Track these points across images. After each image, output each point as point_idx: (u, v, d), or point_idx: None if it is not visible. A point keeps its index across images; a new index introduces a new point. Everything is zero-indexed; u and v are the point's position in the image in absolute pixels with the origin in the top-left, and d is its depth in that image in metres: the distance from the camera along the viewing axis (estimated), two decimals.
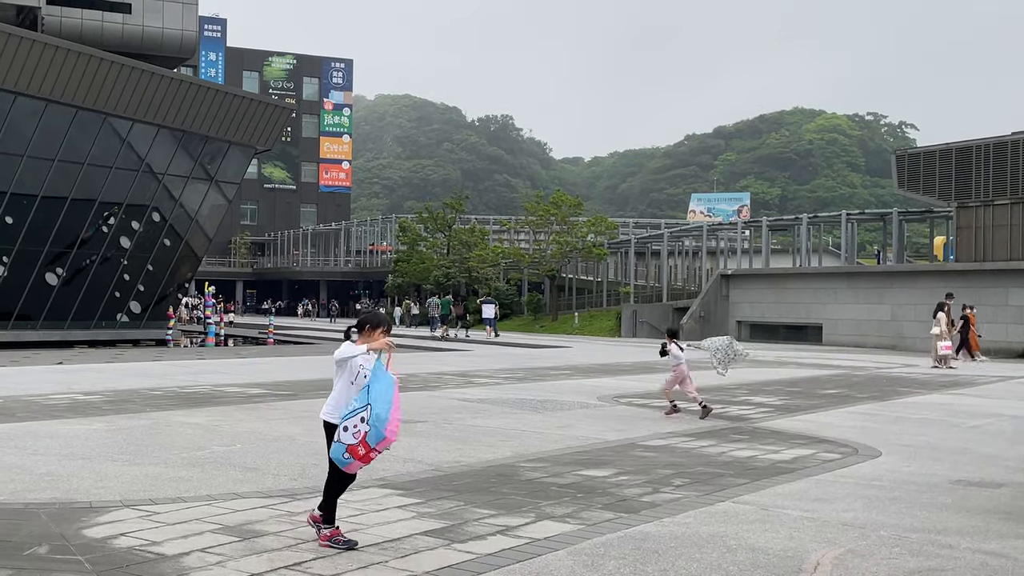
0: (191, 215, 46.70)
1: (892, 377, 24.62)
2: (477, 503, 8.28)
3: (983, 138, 41.19)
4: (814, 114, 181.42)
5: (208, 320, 50.94)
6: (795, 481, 9.70)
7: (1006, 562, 6.76)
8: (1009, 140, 39.79)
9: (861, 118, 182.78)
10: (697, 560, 6.61)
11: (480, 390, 19.06)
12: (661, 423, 14.23)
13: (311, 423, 13.27)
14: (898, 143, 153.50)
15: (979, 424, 14.95)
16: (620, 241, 66.30)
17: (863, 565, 6.58)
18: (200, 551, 6.54)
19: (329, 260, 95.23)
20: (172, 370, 23.29)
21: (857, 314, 42.96)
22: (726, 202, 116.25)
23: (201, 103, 44.29)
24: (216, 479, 9.18)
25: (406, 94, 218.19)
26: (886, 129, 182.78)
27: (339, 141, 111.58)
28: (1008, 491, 9.44)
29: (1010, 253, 39.09)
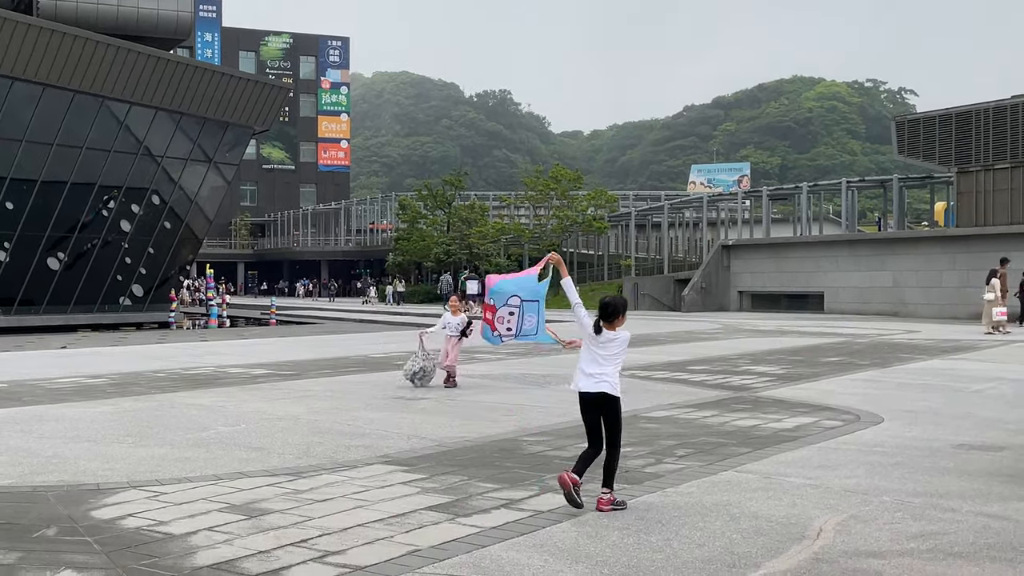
0: (191, 197, 46.70)
1: (894, 344, 24.66)
2: (480, 477, 8.33)
3: (983, 102, 41.06)
4: (813, 82, 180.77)
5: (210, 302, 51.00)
6: (798, 449, 9.75)
7: (1008, 524, 6.81)
8: (1009, 104, 39.68)
9: (860, 85, 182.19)
10: (700, 529, 6.66)
11: (483, 366, 19.12)
12: (664, 395, 14.28)
13: (314, 403, 13.36)
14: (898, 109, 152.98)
15: (981, 388, 14.99)
16: (620, 214, 66.24)
17: (866, 531, 6.63)
18: (207, 530, 6.59)
19: (329, 240, 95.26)
20: (175, 352, 23.35)
21: (859, 282, 42.97)
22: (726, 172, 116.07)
23: (198, 85, 44.21)
24: (221, 459, 9.24)
25: (403, 71, 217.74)
26: (886, 95, 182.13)
27: (337, 120, 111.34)
28: (1009, 454, 9.49)
29: (1011, 217, 39.05)
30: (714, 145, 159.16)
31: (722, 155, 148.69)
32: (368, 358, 21.22)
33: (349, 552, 6.06)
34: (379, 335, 30.86)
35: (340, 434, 10.69)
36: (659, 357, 20.84)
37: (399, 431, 10.91)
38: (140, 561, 5.87)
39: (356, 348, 24.28)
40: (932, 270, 40.36)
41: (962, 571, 5.74)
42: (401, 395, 14.15)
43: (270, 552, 6.06)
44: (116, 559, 5.91)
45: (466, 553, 6.04)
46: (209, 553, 6.04)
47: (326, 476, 8.41)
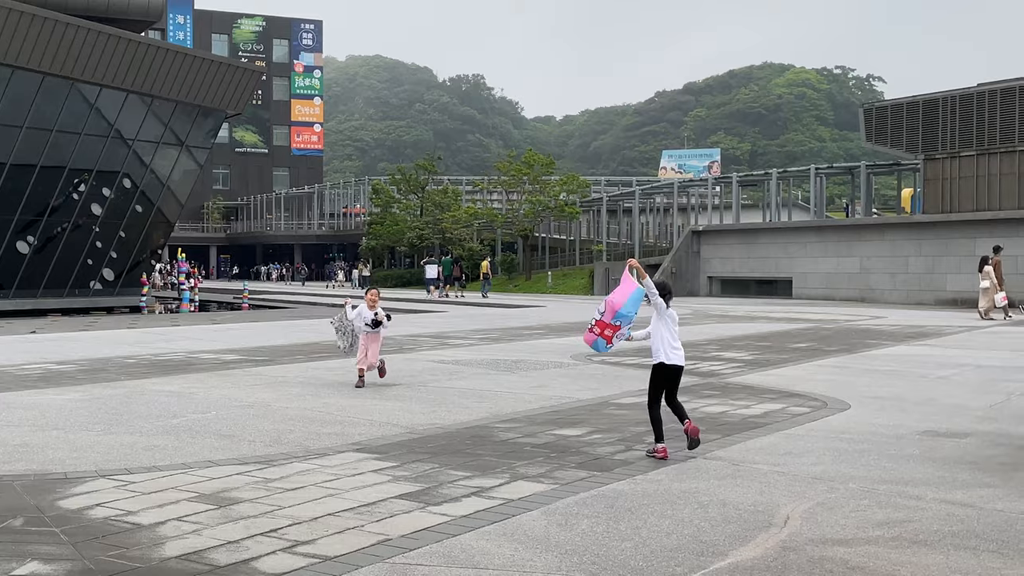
0: (162, 181, 46.39)
1: (861, 329, 24.86)
2: (452, 465, 8.34)
3: (949, 90, 41.34)
4: (783, 68, 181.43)
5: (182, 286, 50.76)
6: (766, 436, 9.83)
7: (971, 512, 6.89)
8: (975, 92, 39.96)
9: (829, 72, 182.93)
10: (669, 516, 6.70)
11: (455, 351, 19.13)
12: (633, 381, 14.33)
13: (286, 389, 13.33)
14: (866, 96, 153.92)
15: (946, 375, 15.16)
16: (592, 199, 66.42)
17: (832, 518, 6.69)
18: (176, 520, 6.56)
19: (303, 224, 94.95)
20: (146, 337, 23.22)
21: (826, 267, 43.30)
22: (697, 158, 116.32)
23: (170, 67, 43.88)
24: (191, 447, 9.21)
25: (377, 55, 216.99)
26: (854, 82, 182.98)
27: (310, 104, 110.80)
28: (973, 441, 9.61)
29: (976, 204, 39.42)
30: (685, 131, 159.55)
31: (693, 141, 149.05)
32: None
33: (319, 542, 6.06)
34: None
35: (311, 421, 10.67)
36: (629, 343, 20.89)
37: (371, 418, 10.91)
38: (108, 552, 5.83)
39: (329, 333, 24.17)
40: (899, 256, 40.73)
41: (927, 559, 5.80)
42: (373, 382, 14.13)
43: (239, 542, 6.05)
44: (83, 550, 5.88)
45: (436, 543, 6.05)
46: (178, 543, 6.01)
47: (297, 464, 8.39)
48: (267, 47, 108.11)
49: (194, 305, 47.34)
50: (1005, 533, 6.33)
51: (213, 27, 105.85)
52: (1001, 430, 10.22)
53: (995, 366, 16.42)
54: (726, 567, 5.63)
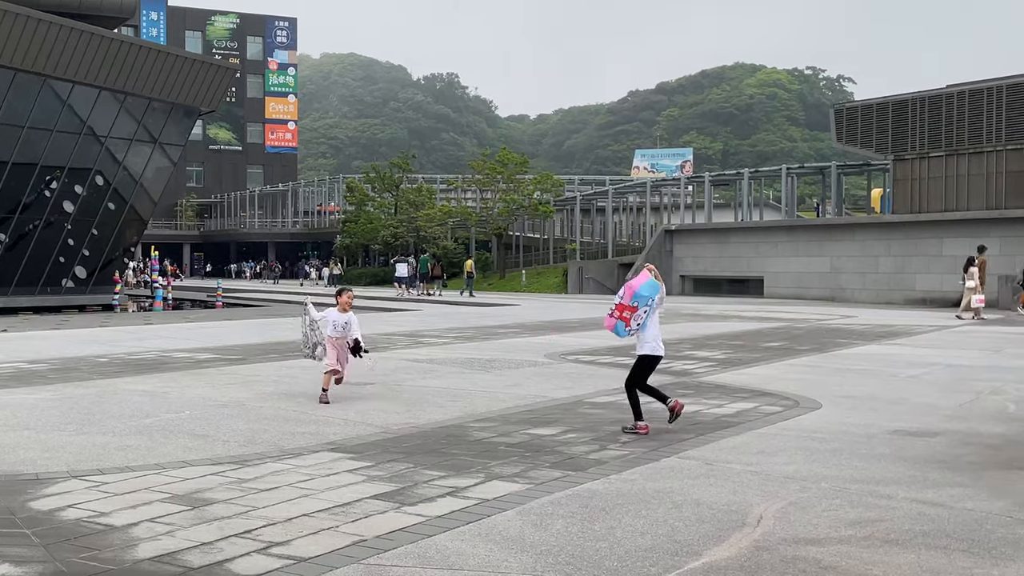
0: (135, 178, 46.10)
1: (832, 329, 25.03)
2: (427, 465, 8.34)
3: (919, 91, 41.68)
4: (755, 69, 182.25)
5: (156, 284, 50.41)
6: (738, 435, 9.88)
7: (942, 511, 6.95)
8: (944, 93, 40.29)
9: (800, 72, 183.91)
10: (643, 516, 6.72)
11: (429, 350, 19.12)
12: (607, 380, 14.37)
13: (261, 387, 13.28)
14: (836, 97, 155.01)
15: (916, 374, 15.28)
16: (566, 198, 66.59)
17: (804, 517, 6.73)
18: (149, 521, 6.53)
19: (277, 222, 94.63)
20: (119, 336, 23.08)
21: (797, 267, 43.59)
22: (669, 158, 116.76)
23: (143, 64, 43.60)
24: (164, 447, 9.16)
25: (351, 52, 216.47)
26: (824, 83, 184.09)
27: (284, 101, 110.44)
28: (944, 440, 9.69)
29: (945, 204, 39.78)
30: (658, 130, 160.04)
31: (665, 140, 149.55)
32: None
33: (294, 543, 6.04)
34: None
35: (286, 420, 10.65)
36: (602, 342, 20.97)
37: (345, 417, 10.89)
38: (80, 554, 5.80)
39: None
40: (868, 256, 41.08)
41: (898, 558, 5.84)
42: (347, 380, 14.09)
43: (213, 543, 6.02)
44: (55, 552, 5.84)
45: (411, 543, 6.05)
46: (151, 545, 5.98)
47: (271, 464, 8.37)
48: (241, 44, 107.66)
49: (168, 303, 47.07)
50: (975, 532, 6.39)
51: (187, 24, 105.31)
52: (971, 429, 10.32)
53: (965, 365, 16.58)
54: (700, 567, 5.66)
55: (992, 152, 38.24)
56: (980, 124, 38.61)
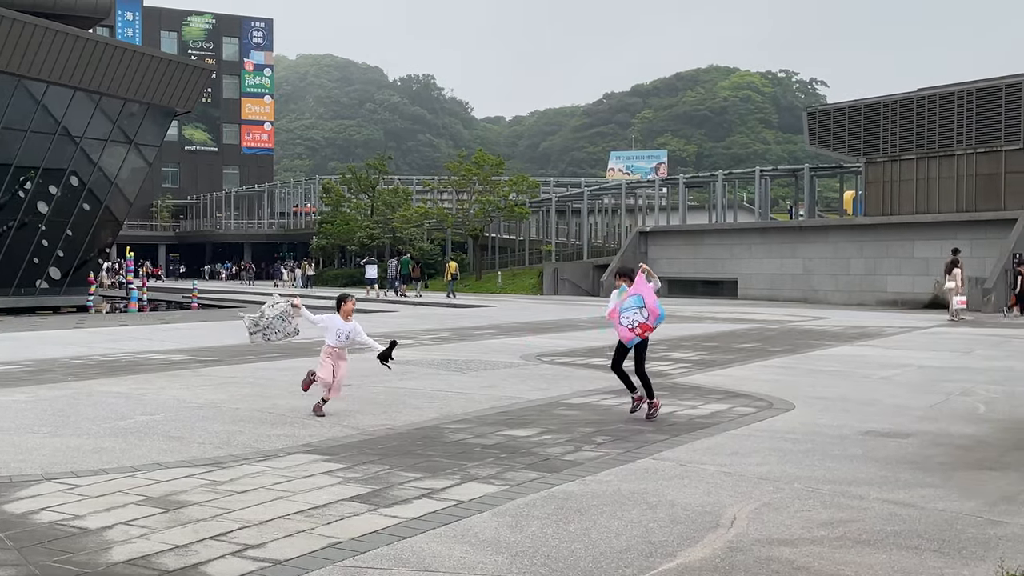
0: (110, 179, 45.84)
1: (805, 330, 25.20)
2: (403, 466, 8.35)
3: (890, 95, 42.00)
4: (729, 72, 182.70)
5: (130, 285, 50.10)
6: (712, 436, 9.94)
7: (913, 511, 7.02)
8: (915, 97, 40.62)
9: (774, 75, 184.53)
10: (618, 518, 6.76)
11: (405, 351, 19.06)
12: (583, 381, 14.43)
13: (236, 389, 13.26)
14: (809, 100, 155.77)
15: (888, 375, 15.42)
16: (541, 200, 66.72)
17: (778, 518, 6.79)
18: (124, 524, 6.51)
19: (253, 222, 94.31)
20: (94, 337, 22.95)
21: (770, 268, 43.87)
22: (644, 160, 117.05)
23: (118, 65, 43.35)
24: (139, 449, 9.13)
25: (327, 54, 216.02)
26: (797, 86, 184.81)
27: (260, 102, 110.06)
28: (915, 441, 9.79)
29: (916, 207, 40.12)
30: (633, 132, 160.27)
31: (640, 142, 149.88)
32: (291, 344, 20.99)
33: (269, 545, 6.04)
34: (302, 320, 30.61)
35: (262, 422, 10.63)
36: (578, 343, 21.05)
37: (321, 419, 10.89)
38: (53, 557, 5.77)
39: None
40: (840, 258, 41.40)
41: (870, 559, 5.90)
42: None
43: (188, 546, 6.01)
44: (28, 555, 5.81)
45: (387, 545, 6.06)
46: (125, 548, 5.96)
47: (247, 466, 8.35)
48: (217, 45, 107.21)
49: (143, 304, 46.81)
50: (946, 532, 6.46)
51: (162, 24, 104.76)
52: (941, 430, 10.42)
53: (935, 366, 16.75)
54: (675, 568, 5.69)
55: (962, 155, 38.59)
56: (950, 127, 38.95)
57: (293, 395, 12.79)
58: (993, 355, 18.94)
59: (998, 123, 37.19)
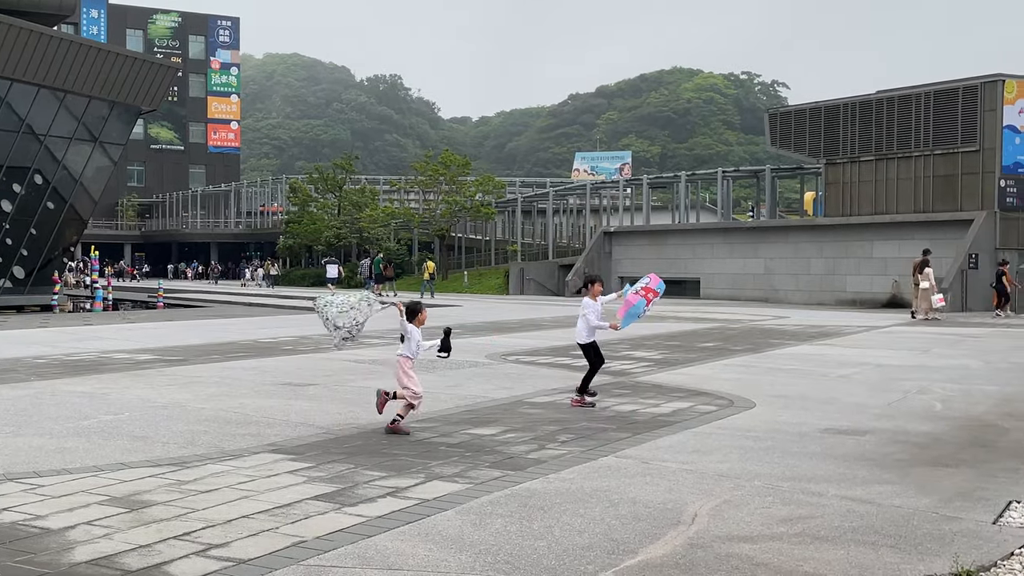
0: (75, 177, 45.43)
1: (765, 329, 25.41)
2: (368, 465, 8.37)
3: (850, 97, 42.35)
4: (692, 73, 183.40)
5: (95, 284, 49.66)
6: (674, 434, 10.03)
7: (871, 508, 7.12)
8: (874, 99, 41.00)
9: (736, 77, 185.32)
10: (581, 515, 6.81)
11: (371, 351, 19.11)
12: (547, 380, 14.49)
13: (201, 389, 13.22)
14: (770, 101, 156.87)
15: (846, 374, 15.60)
16: (507, 200, 66.86)
17: (738, 515, 6.87)
18: (86, 524, 6.49)
19: (219, 222, 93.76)
20: (58, 337, 22.75)
21: (732, 268, 44.18)
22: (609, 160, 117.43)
23: (83, 62, 42.96)
24: (103, 449, 9.10)
25: (294, 53, 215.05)
26: (759, 88, 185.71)
27: (227, 101, 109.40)
28: (873, 438, 9.92)
29: (875, 207, 40.51)
30: (597, 133, 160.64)
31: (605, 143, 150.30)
32: (257, 343, 21.04)
33: (233, 545, 6.04)
34: (269, 319, 30.58)
35: (226, 422, 10.62)
36: (543, 342, 21.14)
37: (287, 418, 10.88)
38: (15, 558, 5.75)
39: (245, 333, 24.03)
40: (801, 258, 41.77)
41: (828, 554, 5.98)
42: (290, 381, 14.10)
43: (151, 546, 6.00)
44: None
45: (351, 544, 6.08)
46: (88, 548, 5.94)
47: (211, 466, 8.34)
48: (183, 43, 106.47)
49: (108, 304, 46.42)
50: (902, 528, 6.56)
51: (128, 22, 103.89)
52: (899, 427, 10.57)
53: (893, 365, 16.96)
54: (636, 565, 5.75)
55: (920, 157, 39.00)
56: (908, 130, 39.35)
57: (258, 394, 12.78)
58: (950, 354, 19.20)
59: (955, 126, 37.60)
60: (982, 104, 36.72)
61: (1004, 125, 36.23)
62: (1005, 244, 36.01)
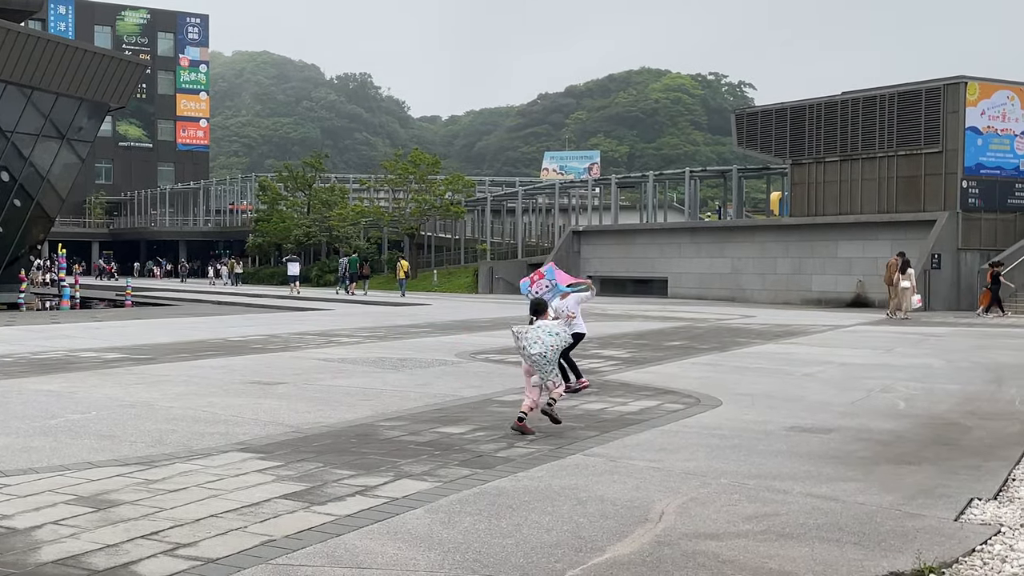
0: (42, 174, 45.02)
1: (732, 328, 25.57)
2: (337, 464, 8.37)
3: (815, 98, 42.65)
4: (660, 74, 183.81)
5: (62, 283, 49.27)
6: (642, 432, 10.09)
7: (835, 505, 7.19)
8: (839, 100, 41.30)
9: (703, 78, 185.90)
10: (549, 513, 6.84)
11: (341, 349, 19.10)
12: (516, 379, 14.48)
13: (169, 388, 13.17)
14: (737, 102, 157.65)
15: (811, 372, 15.75)
16: (477, 199, 66.90)
17: (704, 512, 6.92)
18: (53, 523, 6.45)
19: (188, 220, 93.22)
20: (24, 335, 22.56)
21: (700, 268, 44.43)
22: (577, 160, 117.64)
23: (50, 59, 42.56)
24: (70, 448, 9.05)
25: (264, 51, 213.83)
26: (726, 88, 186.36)
27: (196, 98, 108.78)
28: (837, 436, 10.03)
29: (839, 207, 40.84)
30: (566, 133, 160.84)
31: (574, 143, 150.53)
32: (227, 341, 20.96)
33: (201, 544, 6.03)
34: (238, 318, 30.46)
35: (195, 421, 10.58)
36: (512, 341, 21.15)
37: (256, 417, 10.86)
38: None
39: (214, 331, 23.93)
40: (767, 257, 42.06)
41: (793, 551, 6.04)
42: (259, 380, 14.06)
43: (119, 545, 5.97)
44: None
45: (320, 543, 6.08)
46: (54, 548, 5.91)
47: (179, 465, 8.32)
48: (152, 40, 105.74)
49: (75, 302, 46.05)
50: (866, 526, 6.63)
51: (96, 19, 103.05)
52: (862, 425, 10.68)
53: (857, 363, 17.13)
54: (604, 562, 5.79)
55: (884, 157, 39.33)
56: (873, 131, 39.67)
57: (227, 393, 12.75)
58: (913, 353, 19.40)
59: (918, 127, 37.94)
60: (945, 106, 37.07)
61: (966, 126, 36.58)
62: (967, 245, 36.40)
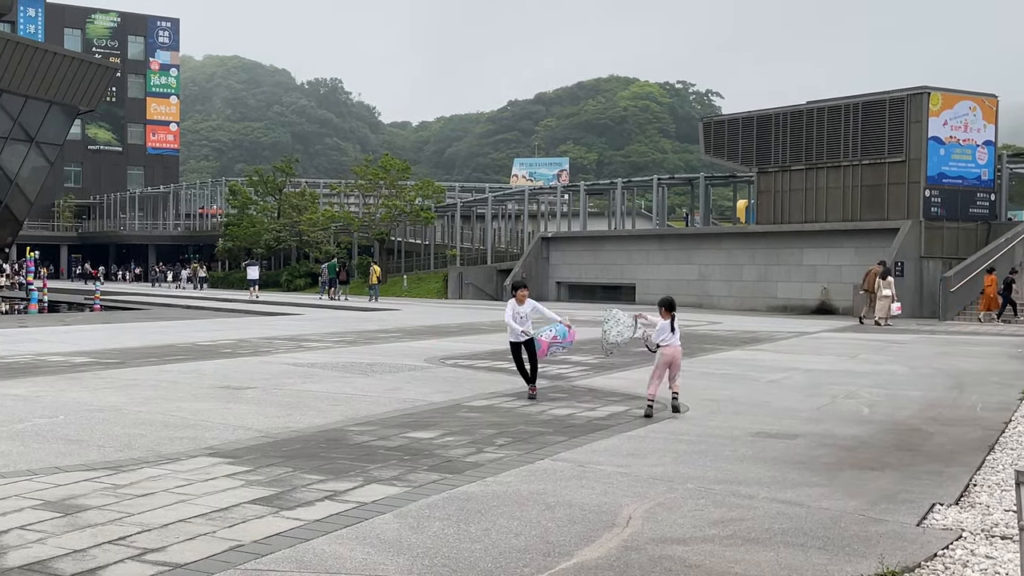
0: (10, 177, 44.72)
1: (699, 334, 25.68)
2: (306, 469, 8.38)
3: (781, 107, 42.94)
4: (629, 82, 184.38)
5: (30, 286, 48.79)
6: (610, 437, 10.16)
7: (800, 510, 7.28)
8: (804, 109, 41.61)
9: (672, 86, 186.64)
10: (518, 518, 6.89)
11: (310, 354, 19.06)
12: (485, 384, 14.57)
13: (138, 392, 13.11)
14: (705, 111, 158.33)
15: (777, 378, 15.89)
16: (447, 205, 66.94)
17: (671, 517, 6.99)
18: (20, 528, 6.42)
19: (158, 224, 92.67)
20: None
21: (667, 274, 44.63)
22: (547, 167, 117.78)
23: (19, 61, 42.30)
24: (37, 453, 9.00)
25: (235, 55, 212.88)
26: (694, 97, 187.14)
27: (166, 102, 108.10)
28: (802, 441, 10.13)
29: (805, 216, 41.15)
30: (536, 139, 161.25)
31: (543, 150, 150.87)
32: (195, 346, 20.86)
33: (169, 549, 6.02)
34: (207, 322, 30.29)
35: (164, 425, 10.55)
36: (481, 346, 21.23)
37: (225, 422, 10.84)
38: None
39: (183, 335, 23.80)
40: (734, 264, 42.31)
41: (758, 556, 6.11)
42: (228, 384, 14.02)
43: (86, 551, 5.95)
44: None
45: (289, 547, 6.09)
46: (21, 553, 5.88)
47: (148, 470, 8.30)
48: (122, 44, 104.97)
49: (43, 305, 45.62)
50: (831, 530, 6.72)
51: (66, 21, 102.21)
52: (827, 431, 10.80)
53: (821, 370, 17.30)
54: (571, 567, 5.83)
55: (848, 166, 39.66)
56: (838, 140, 39.98)
57: (196, 398, 12.71)
58: (877, 359, 19.59)
59: (882, 136, 38.27)
60: (908, 116, 37.41)
61: (929, 136, 36.94)
62: (929, 253, 36.76)
